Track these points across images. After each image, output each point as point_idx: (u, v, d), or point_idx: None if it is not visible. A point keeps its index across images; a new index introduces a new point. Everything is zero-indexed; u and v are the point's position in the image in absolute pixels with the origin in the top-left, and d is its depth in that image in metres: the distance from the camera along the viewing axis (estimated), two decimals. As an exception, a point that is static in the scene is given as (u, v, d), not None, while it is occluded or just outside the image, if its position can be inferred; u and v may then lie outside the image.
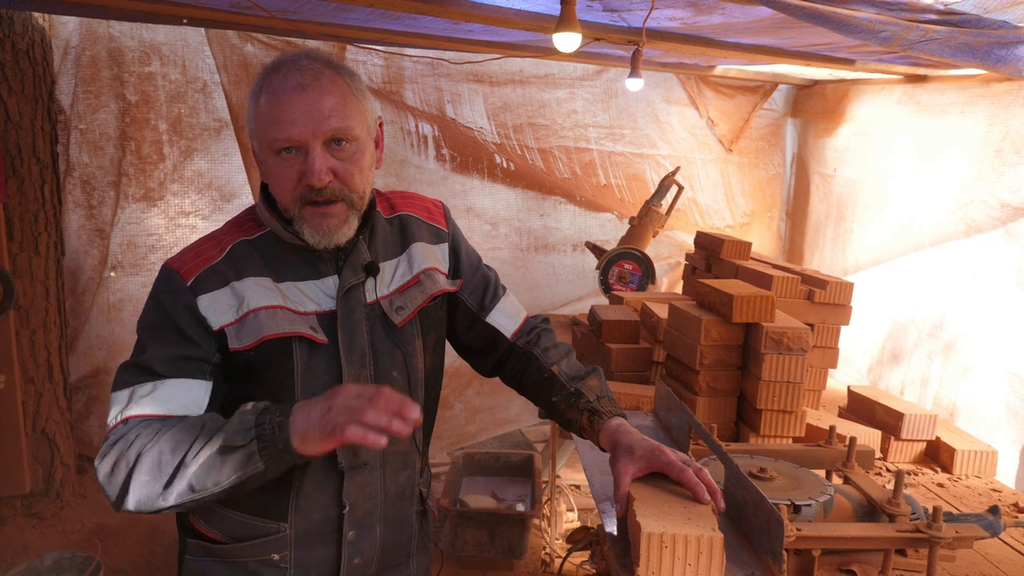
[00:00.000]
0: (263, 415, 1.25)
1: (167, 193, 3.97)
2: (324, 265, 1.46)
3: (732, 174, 4.80)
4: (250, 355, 1.37)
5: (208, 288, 1.37)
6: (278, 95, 1.32)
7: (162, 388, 1.33)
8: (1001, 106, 3.36)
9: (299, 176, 1.35)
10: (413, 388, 1.53)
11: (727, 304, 2.30)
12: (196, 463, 1.23)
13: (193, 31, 3.82)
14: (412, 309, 1.53)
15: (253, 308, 1.37)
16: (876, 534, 1.55)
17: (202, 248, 1.42)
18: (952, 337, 3.54)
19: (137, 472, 1.24)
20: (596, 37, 3.21)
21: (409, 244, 1.58)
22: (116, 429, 1.30)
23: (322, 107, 1.32)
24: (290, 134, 1.32)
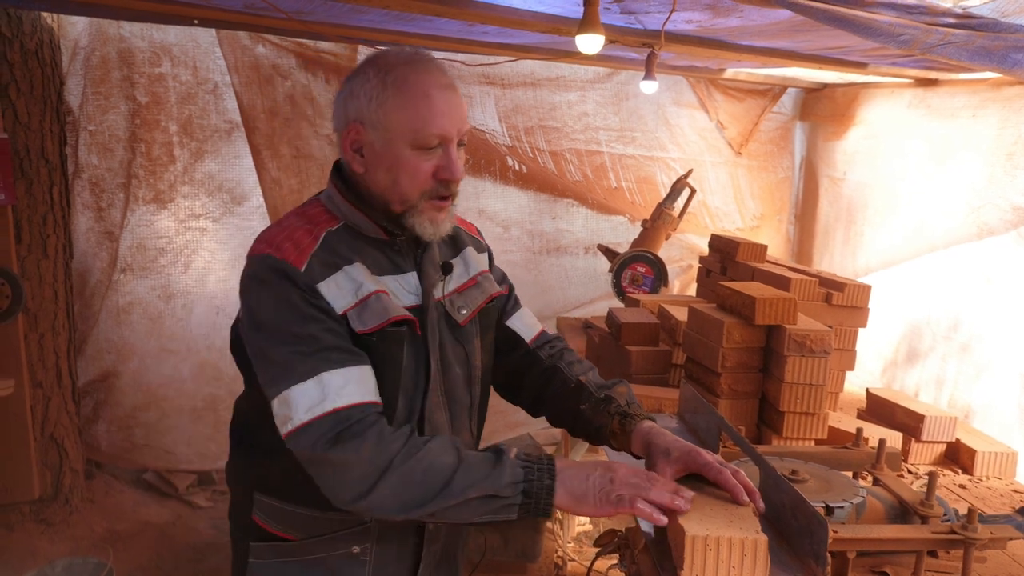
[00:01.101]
0: (530, 470, 1.29)
1: (177, 195, 3.96)
2: (403, 260, 1.48)
3: (741, 177, 4.81)
4: (372, 339, 1.37)
5: (323, 274, 1.36)
6: (429, 91, 1.36)
7: (354, 376, 1.32)
8: (1013, 109, 3.37)
9: (434, 170, 1.39)
10: (472, 384, 1.56)
11: (749, 306, 2.29)
12: (454, 500, 1.27)
13: (204, 32, 3.81)
14: (473, 309, 1.57)
15: (373, 291, 1.38)
16: (911, 536, 1.54)
17: (296, 236, 1.39)
18: (967, 339, 3.54)
19: (383, 485, 1.27)
20: (612, 40, 3.21)
21: (461, 248, 1.63)
22: (326, 420, 1.28)
23: (462, 109, 1.41)
24: (441, 130, 1.36)
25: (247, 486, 1.52)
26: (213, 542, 3.87)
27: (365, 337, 1.36)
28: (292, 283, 1.34)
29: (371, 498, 1.27)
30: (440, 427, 1.48)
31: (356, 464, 1.27)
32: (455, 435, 1.50)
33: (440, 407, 1.49)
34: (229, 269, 4.10)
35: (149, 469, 4.28)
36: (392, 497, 1.27)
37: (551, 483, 1.28)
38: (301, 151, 4.00)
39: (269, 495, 1.48)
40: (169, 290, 4.04)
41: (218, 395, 4.20)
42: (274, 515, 1.49)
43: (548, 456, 1.33)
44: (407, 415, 1.43)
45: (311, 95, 3.98)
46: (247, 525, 1.52)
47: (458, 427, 1.54)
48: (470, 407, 1.57)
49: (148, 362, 4.09)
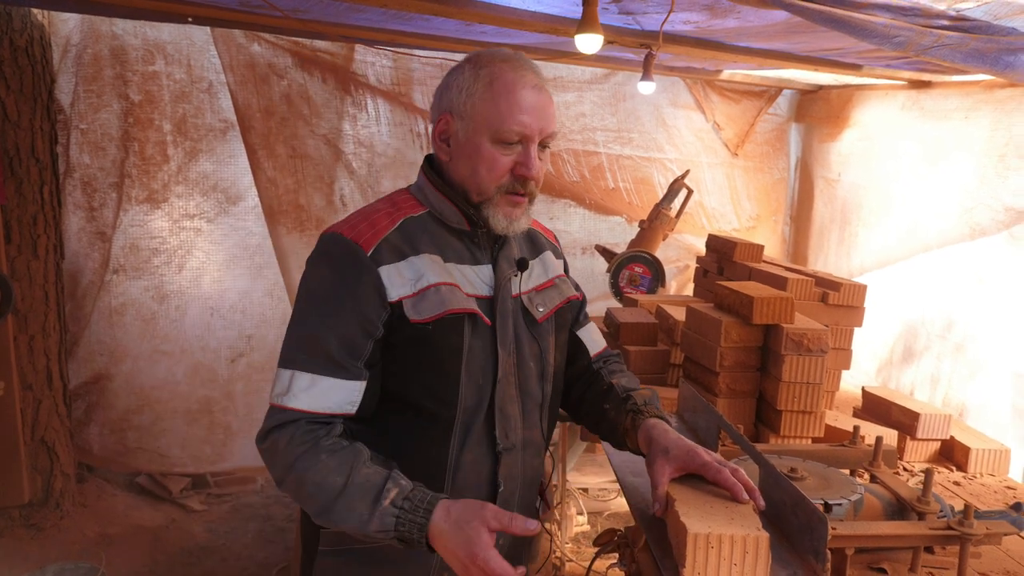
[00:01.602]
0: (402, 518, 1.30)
1: (171, 195, 3.94)
2: (481, 253, 1.53)
3: (738, 178, 4.82)
4: (427, 328, 1.42)
5: (388, 260, 1.42)
6: (516, 89, 1.41)
7: (320, 386, 1.39)
8: (1005, 111, 3.39)
9: (513, 165, 1.43)
10: (545, 380, 1.61)
11: (747, 306, 2.30)
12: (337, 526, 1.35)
13: (199, 30, 3.79)
14: (551, 308, 1.62)
15: (433, 283, 1.43)
16: (909, 532, 1.55)
17: (374, 219, 1.47)
18: (961, 338, 3.56)
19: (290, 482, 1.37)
20: (610, 40, 3.21)
21: (541, 251, 1.69)
22: (275, 412, 1.39)
23: (549, 111, 1.45)
24: (524, 127, 1.41)
25: None
26: (207, 546, 3.85)
27: (421, 326, 1.41)
28: (355, 265, 1.41)
29: (285, 490, 1.39)
30: (512, 420, 1.52)
31: (272, 459, 1.39)
32: (527, 430, 1.56)
33: (514, 400, 1.53)
34: (224, 270, 4.08)
35: (142, 472, 4.25)
36: (296, 497, 1.39)
37: (421, 537, 1.29)
38: (297, 151, 3.99)
39: None
40: (162, 291, 4.02)
41: (212, 397, 4.18)
42: None
43: (431, 501, 1.30)
44: (476, 403, 1.48)
45: (307, 94, 3.97)
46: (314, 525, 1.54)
47: (529, 423, 1.57)
48: (541, 403, 1.61)
49: (141, 364, 4.06)
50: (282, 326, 4.17)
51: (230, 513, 4.18)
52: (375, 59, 4.09)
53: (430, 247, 1.47)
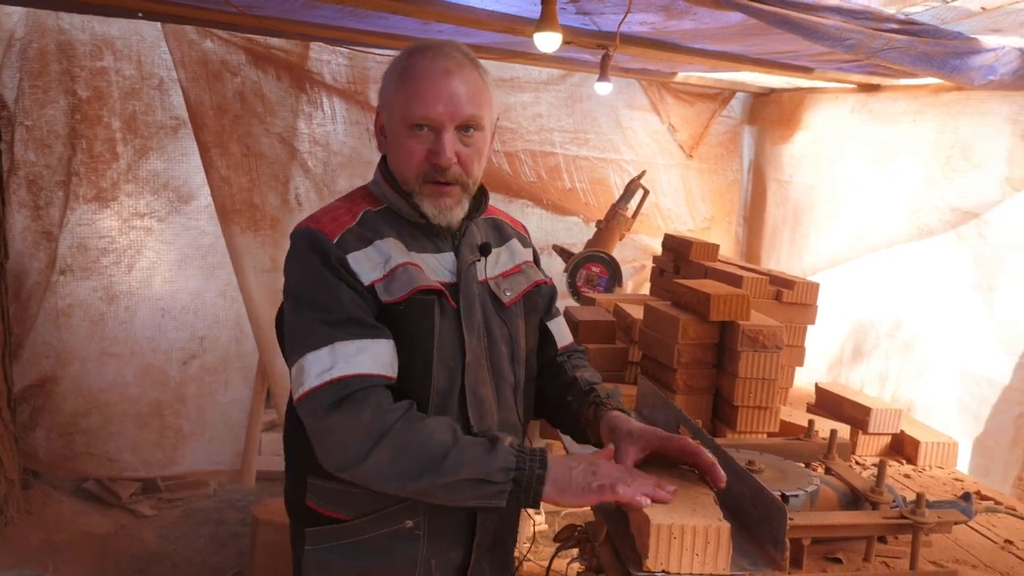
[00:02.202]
0: (522, 459, 1.32)
1: (120, 194, 3.85)
2: (442, 242, 1.54)
3: (692, 179, 4.88)
4: (399, 309, 1.42)
5: (354, 247, 1.43)
6: (423, 75, 1.42)
7: (369, 348, 1.37)
8: (950, 115, 3.49)
9: (427, 154, 1.44)
10: (516, 364, 1.61)
11: (704, 303, 2.33)
12: (447, 479, 1.31)
13: (149, 26, 3.71)
14: (518, 292, 1.63)
15: (401, 262, 1.44)
16: (864, 521, 1.59)
17: (336, 213, 1.49)
18: (909, 337, 3.65)
19: (380, 451, 1.31)
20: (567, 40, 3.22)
21: (507, 239, 1.69)
22: (330, 387, 1.33)
23: (461, 94, 1.42)
24: (429, 113, 1.41)
25: (301, 472, 1.54)
26: (158, 552, 3.77)
27: (393, 307, 1.42)
28: (323, 253, 1.41)
29: (367, 464, 1.32)
30: (486, 402, 1.52)
31: (355, 428, 1.32)
32: (502, 413, 1.55)
33: (486, 383, 1.53)
34: (175, 270, 4.00)
35: (90, 477, 4.14)
36: (387, 465, 1.32)
37: (542, 473, 1.32)
38: (251, 149, 3.93)
39: (321, 477, 1.47)
40: (112, 292, 3.92)
41: (164, 400, 4.09)
42: (326, 496, 1.50)
43: (540, 448, 1.37)
44: (448, 386, 1.48)
45: (261, 92, 3.91)
46: (303, 511, 1.54)
47: (504, 405, 1.57)
48: (515, 387, 1.61)
49: (89, 366, 3.95)
50: (235, 327, 4.17)
51: (182, 518, 4.09)
52: (331, 57, 4.06)
53: (392, 234, 1.48)
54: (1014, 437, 3.08)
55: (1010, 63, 2.83)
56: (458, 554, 1.54)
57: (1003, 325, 3.17)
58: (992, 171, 3.24)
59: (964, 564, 1.76)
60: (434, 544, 1.50)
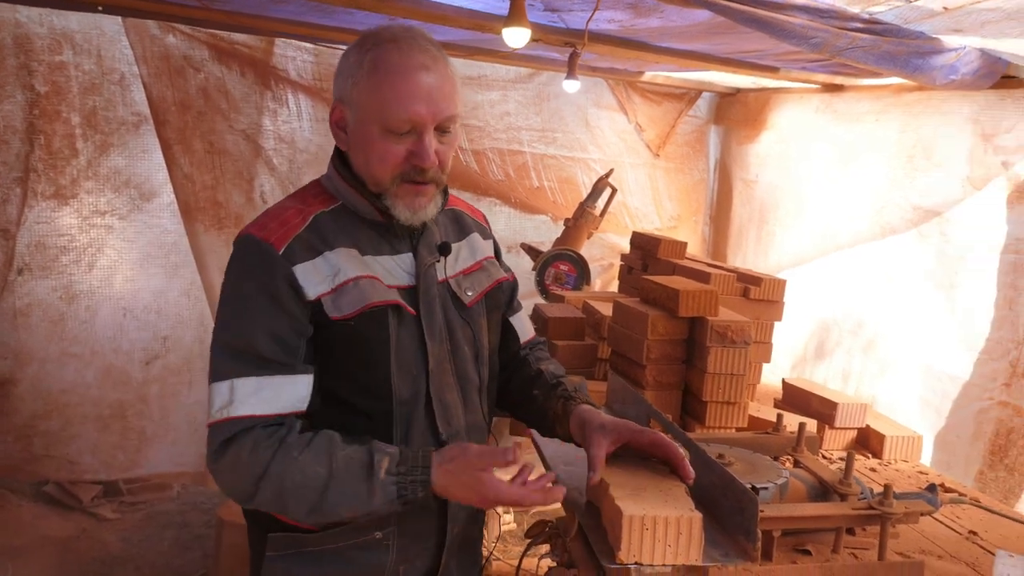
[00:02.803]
0: (403, 485, 1.31)
1: (80, 191, 3.76)
2: (400, 242, 1.48)
3: (660, 178, 4.91)
4: (350, 324, 1.37)
5: (302, 258, 1.36)
6: (401, 72, 1.33)
7: (268, 387, 1.33)
8: (912, 114, 3.55)
9: (407, 155, 1.36)
10: (480, 364, 1.58)
11: (673, 299, 2.34)
12: (331, 516, 1.33)
13: (109, 19, 3.63)
14: (479, 291, 1.59)
15: (351, 277, 1.38)
16: (833, 512, 1.60)
17: (285, 217, 1.41)
18: (872, 334, 3.70)
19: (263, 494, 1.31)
20: (535, 38, 3.22)
21: (467, 234, 1.64)
22: (223, 426, 1.32)
23: (442, 92, 1.35)
24: (413, 114, 1.33)
25: None
26: (121, 555, 3.69)
27: (343, 322, 1.37)
28: (268, 265, 1.35)
29: (257, 502, 1.33)
30: (452, 407, 1.49)
31: (237, 471, 1.32)
32: (469, 416, 1.53)
33: (452, 388, 1.50)
34: (137, 268, 3.92)
35: (50, 481, 4.04)
36: (275, 505, 1.33)
37: (425, 493, 1.31)
38: (215, 146, 3.87)
39: None
40: (71, 291, 3.83)
41: (126, 400, 4.01)
42: None
43: (425, 457, 1.33)
44: (412, 396, 1.44)
45: (225, 88, 3.85)
46: (263, 517, 1.47)
47: (470, 407, 1.55)
48: (480, 387, 1.58)
49: (49, 367, 3.86)
50: (199, 327, 4.10)
51: (145, 521, 4.01)
52: (296, 53, 4.01)
53: (345, 241, 1.41)
54: (975, 432, 3.14)
55: (971, 63, 2.89)
56: (427, 558, 1.51)
57: (964, 322, 3.23)
58: (953, 170, 3.30)
59: (930, 555, 1.78)
60: (403, 552, 1.47)
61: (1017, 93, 3.05)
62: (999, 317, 3.09)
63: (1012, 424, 2.99)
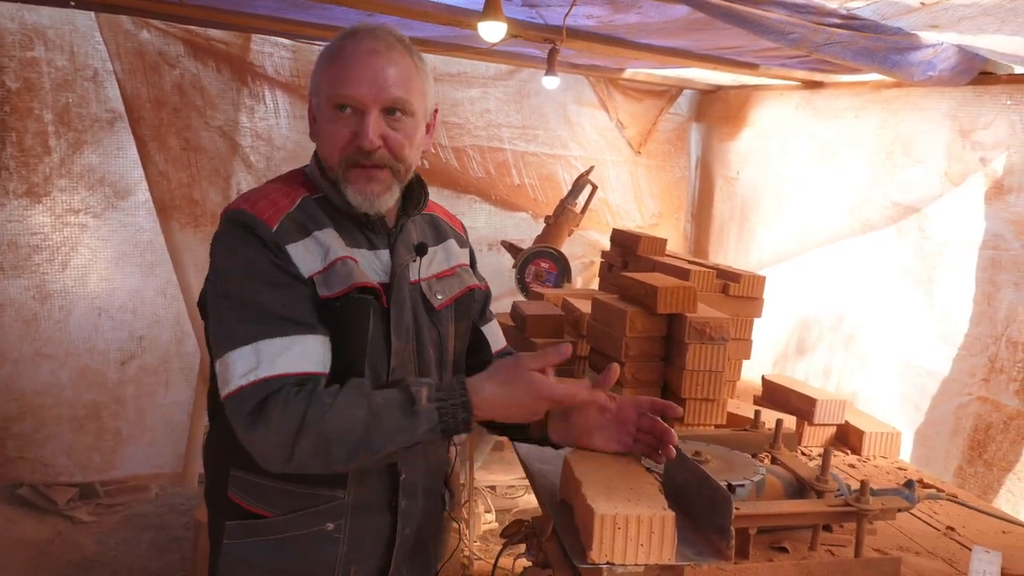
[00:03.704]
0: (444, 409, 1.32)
1: (53, 189, 3.70)
2: (378, 239, 1.49)
3: (641, 176, 4.90)
4: (336, 305, 1.36)
5: (293, 237, 1.37)
6: (349, 56, 1.37)
7: (296, 345, 1.32)
8: (891, 111, 3.56)
9: (351, 136, 1.38)
10: (443, 368, 1.58)
11: (651, 295, 2.32)
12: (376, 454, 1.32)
13: (82, 15, 3.58)
14: (450, 296, 1.59)
15: (341, 256, 1.38)
16: (809, 509, 1.59)
17: (274, 197, 1.41)
18: (852, 330, 3.71)
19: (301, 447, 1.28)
20: (514, 34, 3.20)
21: (444, 239, 1.65)
22: (251, 390, 1.29)
23: (387, 75, 1.37)
24: (351, 93, 1.35)
25: (223, 461, 1.48)
26: (97, 558, 3.64)
27: (330, 302, 1.36)
28: (260, 240, 1.35)
29: (295, 462, 1.30)
30: None
31: (270, 434, 1.28)
32: None
33: None
34: (112, 268, 3.87)
35: (24, 483, 3.98)
36: (313, 458, 1.30)
37: (467, 416, 1.32)
38: (191, 143, 3.82)
39: (245, 470, 1.43)
40: (45, 290, 3.77)
41: (101, 402, 3.95)
42: (250, 490, 1.44)
43: (460, 382, 1.35)
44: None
45: (201, 84, 3.81)
46: (223, 504, 1.47)
47: None
48: None
49: (22, 368, 3.80)
50: (176, 326, 4.06)
51: (122, 523, 3.96)
52: (273, 50, 3.97)
53: (332, 225, 1.43)
54: (954, 427, 3.15)
55: (948, 59, 2.89)
56: (377, 559, 1.51)
57: (942, 318, 3.24)
58: (932, 166, 3.30)
59: (908, 551, 1.78)
60: (354, 548, 1.46)
61: (995, 89, 3.06)
62: (977, 313, 3.10)
63: (991, 419, 3.00)
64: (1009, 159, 2.99)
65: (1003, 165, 3.01)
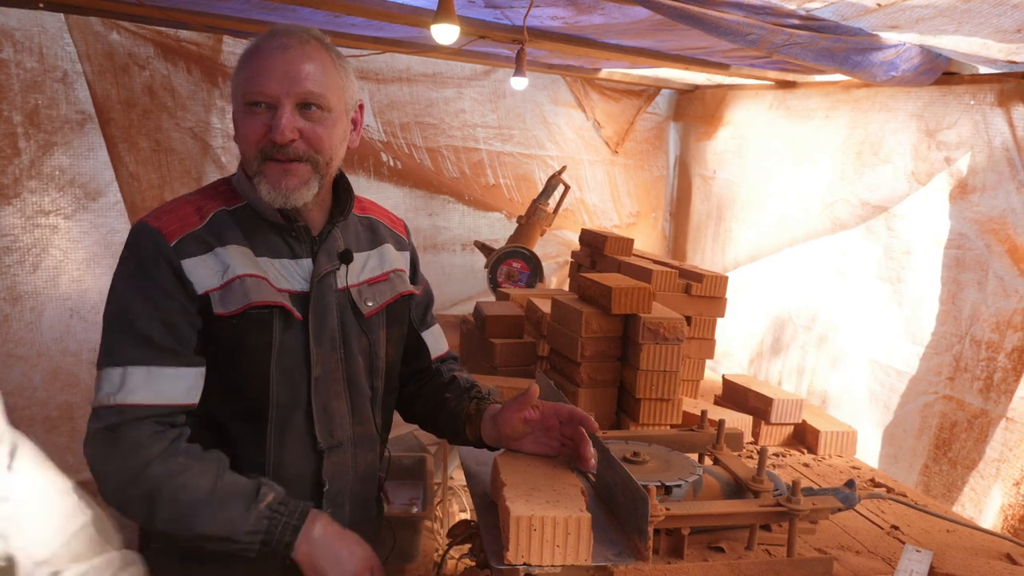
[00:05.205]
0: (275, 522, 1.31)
1: (23, 190, 3.69)
2: (300, 247, 1.48)
3: (618, 175, 4.90)
4: (232, 323, 1.37)
5: (192, 252, 1.37)
6: (261, 52, 1.38)
7: (159, 377, 1.32)
8: (861, 111, 3.56)
9: (265, 130, 1.37)
10: (374, 375, 1.57)
11: (606, 296, 2.33)
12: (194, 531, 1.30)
13: (51, 16, 3.56)
14: (381, 303, 1.58)
15: (239, 274, 1.38)
16: (740, 509, 1.60)
17: (183, 213, 1.42)
18: (824, 329, 3.72)
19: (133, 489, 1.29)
20: (480, 35, 3.21)
21: (380, 244, 1.64)
22: (109, 412, 1.31)
23: (300, 69, 1.36)
24: (263, 88, 1.35)
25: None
26: (69, 559, 3.63)
27: (226, 320, 1.37)
28: (157, 255, 1.36)
29: (115, 498, 1.31)
30: (338, 417, 1.49)
31: (110, 462, 1.30)
32: (359, 426, 1.53)
33: (340, 397, 1.50)
34: (84, 269, 3.86)
35: (-2, 485, 3.98)
36: (137, 505, 1.30)
37: (290, 541, 1.31)
38: (161, 144, 3.81)
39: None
40: (15, 292, 3.76)
41: (74, 402, 3.94)
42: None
43: (305, 510, 1.34)
44: (291, 401, 1.43)
45: (171, 86, 3.80)
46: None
47: (360, 418, 1.54)
48: (372, 398, 1.58)
49: (-6, 370, 3.80)
50: (149, 327, 4.03)
51: (95, 526, 3.95)
52: (245, 50, 3.96)
53: (241, 240, 1.42)
54: (920, 426, 3.16)
55: (911, 59, 2.90)
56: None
57: (910, 317, 3.25)
58: (899, 166, 3.31)
59: (848, 550, 1.78)
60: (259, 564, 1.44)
61: (958, 89, 3.06)
62: (943, 311, 3.11)
63: (955, 418, 3.01)
64: (973, 159, 3.00)
65: (967, 165, 3.02)
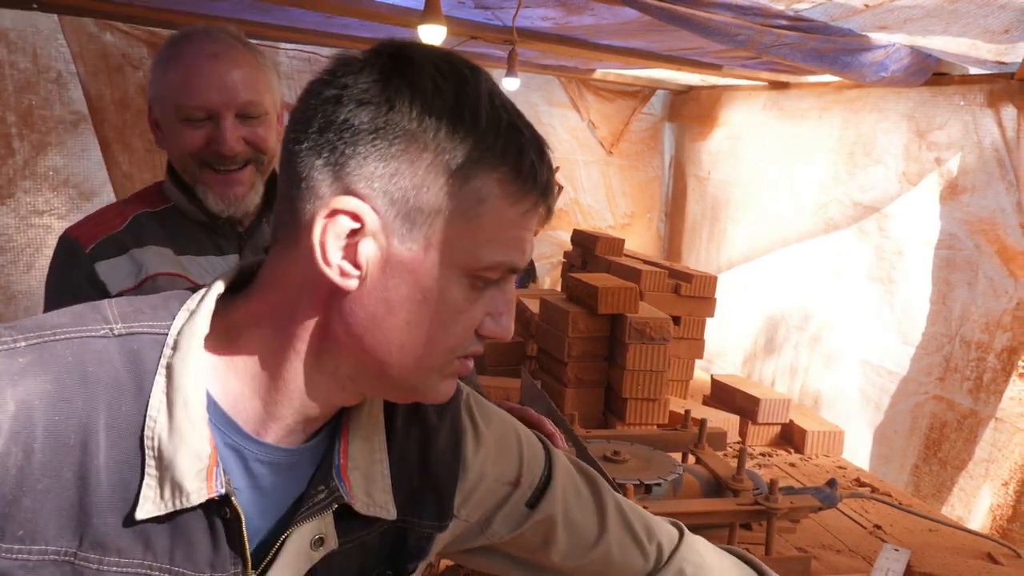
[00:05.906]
0: None
1: (17, 190, 3.71)
2: (227, 243, 1.46)
3: (613, 175, 4.91)
4: None
5: (107, 255, 1.37)
6: (189, 62, 1.32)
7: None
8: (853, 111, 3.56)
9: (206, 141, 1.34)
10: None
11: (593, 296, 2.33)
12: None
13: (45, 17, 3.58)
14: None
15: (153, 273, 1.38)
16: (718, 508, 1.60)
17: (104, 217, 1.42)
18: (817, 329, 3.72)
19: None
20: (471, 36, 3.21)
21: None
22: None
23: (234, 77, 1.33)
24: (201, 102, 1.31)
25: None
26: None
27: None
28: (73, 260, 1.37)
29: None
30: None
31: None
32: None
33: None
34: (78, 269, 3.88)
35: (-7, 485, 3.99)
36: None
37: None
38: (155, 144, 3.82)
39: None
40: (9, 292, 3.78)
41: (68, 402, 3.96)
42: None
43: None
44: None
45: (165, 86, 3.81)
46: None
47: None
48: None
49: (-12, 369, 3.80)
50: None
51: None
52: (238, 51, 3.96)
53: (161, 240, 1.41)
54: (911, 426, 3.16)
55: (901, 60, 2.90)
56: None
57: (902, 317, 3.25)
58: (890, 166, 3.31)
59: (830, 549, 1.79)
60: None
61: (948, 90, 3.06)
62: (933, 312, 3.11)
63: (945, 418, 3.01)
64: (963, 159, 2.99)
65: (957, 165, 3.02)
